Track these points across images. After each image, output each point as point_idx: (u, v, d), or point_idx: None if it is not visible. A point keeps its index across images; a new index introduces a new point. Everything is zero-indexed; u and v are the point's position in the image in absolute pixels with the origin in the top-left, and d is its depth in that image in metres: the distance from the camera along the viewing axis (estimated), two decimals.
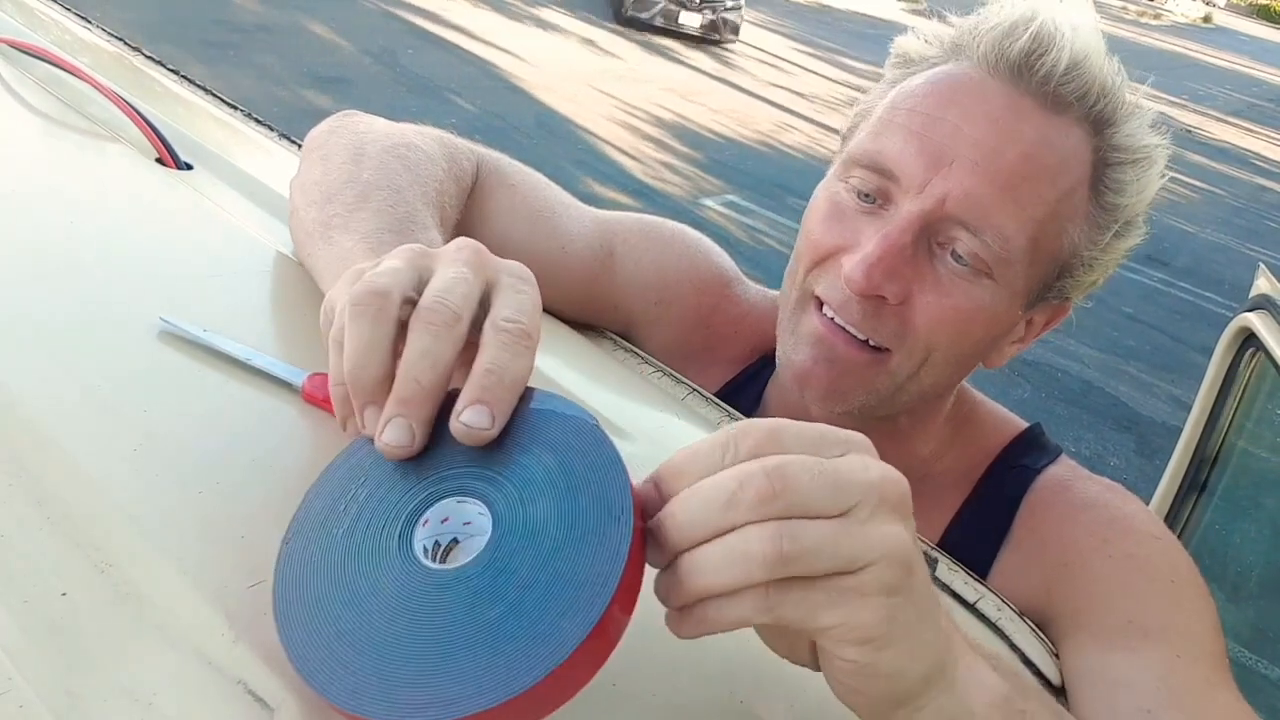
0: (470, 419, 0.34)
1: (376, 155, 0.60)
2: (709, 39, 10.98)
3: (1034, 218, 0.60)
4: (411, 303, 0.37)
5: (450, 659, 0.31)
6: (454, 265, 0.38)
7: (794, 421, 0.35)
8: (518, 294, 0.38)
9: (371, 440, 0.36)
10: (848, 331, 0.63)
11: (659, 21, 10.60)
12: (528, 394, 0.37)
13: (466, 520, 0.35)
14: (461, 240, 0.40)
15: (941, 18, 0.67)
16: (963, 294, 0.61)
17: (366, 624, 0.32)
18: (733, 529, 0.32)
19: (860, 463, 0.34)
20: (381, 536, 0.34)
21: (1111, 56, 0.62)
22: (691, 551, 0.32)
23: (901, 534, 0.33)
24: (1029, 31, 0.60)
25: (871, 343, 0.63)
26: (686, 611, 0.33)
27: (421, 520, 0.35)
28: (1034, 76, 0.60)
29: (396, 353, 0.37)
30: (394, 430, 0.35)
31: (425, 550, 0.34)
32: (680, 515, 0.33)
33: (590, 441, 0.35)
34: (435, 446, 0.36)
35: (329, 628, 0.32)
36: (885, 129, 0.63)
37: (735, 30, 11.19)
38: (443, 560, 0.35)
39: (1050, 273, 0.64)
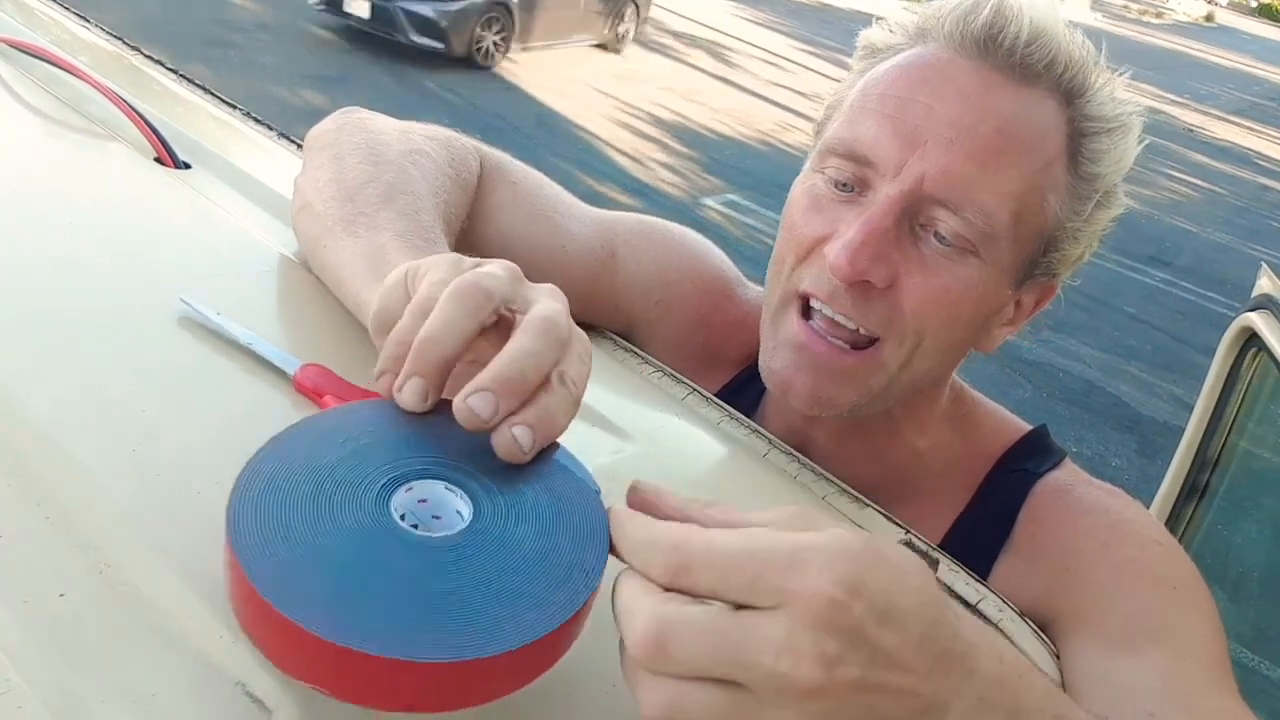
0: (519, 434, 0.37)
1: (395, 159, 0.61)
2: (393, 38, 7.76)
3: (1014, 191, 0.60)
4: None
5: (377, 601, 0.32)
6: (557, 300, 0.41)
7: (713, 540, 0.33)
8: (582, 363, 0.40)
9: (394, 407, 0.38)
10: (831, 336, 0.63)
11: (321, 7, 8.02)
12: (552, 446, 0.39)
13: (436, 514, 0.36)
14: (554, 288, 0.42)
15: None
16: (949, 274, 0.61)
17: (314, 535, 0.33)
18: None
19: (779, 637, 0.31)
20: (364, 481, 0.35)
21: (1074, 30, 0.63)
22: (622, 648, 0.33)
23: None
24: (989, 5, 0.61)
25: (862, 331, 0.63)
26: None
27: (405, 486, 0.36)
28: (999, 49, 0.60)
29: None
30: (480, 401, 0.36)
31: (395, 512, 0.35)
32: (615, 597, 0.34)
33: (588, 502, 0.37)
34: (453, 439, 0.37)
35: (279, 523, 0.33)
36: (858, 115, 0.63)
37: (468, 41, 7.79)
38: None
39: (1036, 248, 0.64)
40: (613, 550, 0.35)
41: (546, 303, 0.40)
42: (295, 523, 0.33)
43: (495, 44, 8.25)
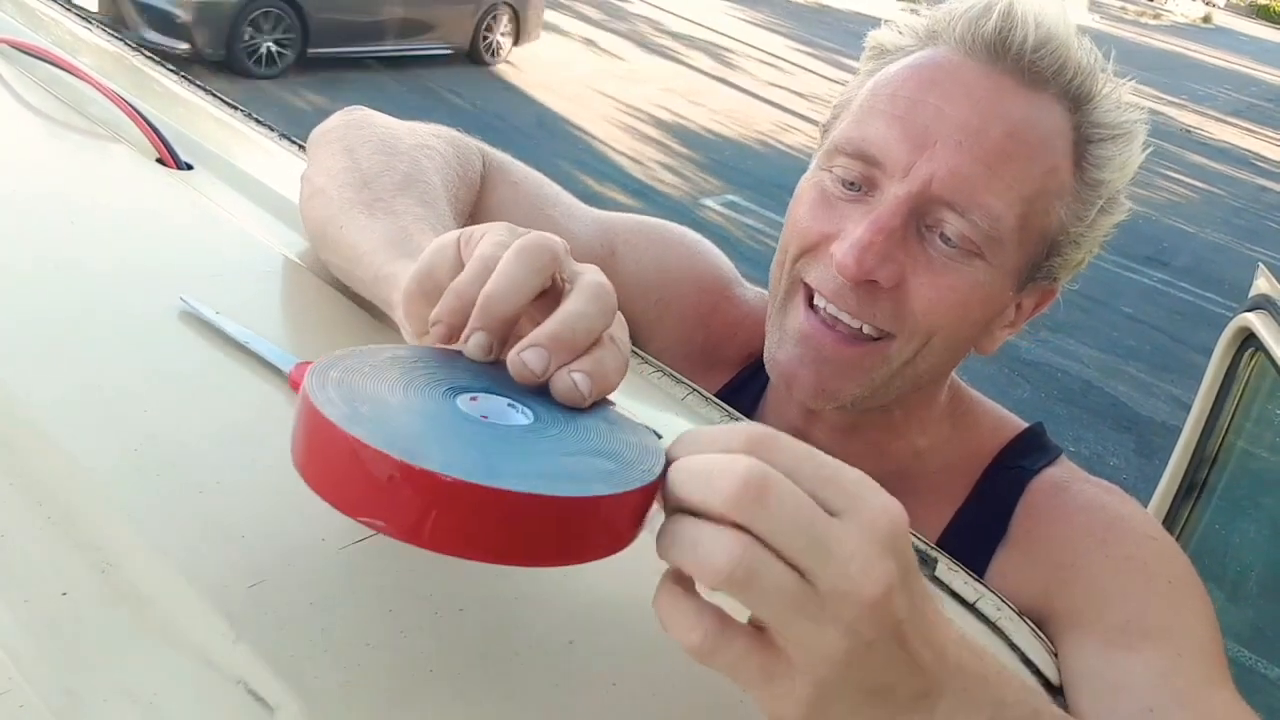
0: (578, 379, 0.37)
1: (407, 151, 0.62)
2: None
3: (1021, 195, 0.61)
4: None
5: (445, 444, 0.33)
6: (603, 275, 0.41)
7: (797, 440, 0.34)
8: (625, 331, 0.41)
9: (449, 352, 0.39)
10: (838, 326, 0.63)
11: None
12: (605, 400, 0.39)
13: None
14: (596, 267, 0.42)
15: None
16: (955, 275, 0.61)
17: (388, 401, 0.34)
18: (716, 515, 0.32)
19: (853, 541, 0.32)
20: (432, 384, 0.37)
21: (1083, 37, 0.63)
22: (671, 522, 0.33)
23: (849, 638, 0.32)
24: (999, 10, 0.61)
25: (866, 330, 0.63)
26: (662, 581, 0.34)
27: (470, 396, 0.37)
28: (1009, 53, 0.61)
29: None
30: (534, 355, 0.37)
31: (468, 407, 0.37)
32: (674, 478, 0.34)
33: (643, 434, 0.37)
34: (513, 381, 0.39)
35: (352, 391, 0.34)
36: (867, 115, 0.63)
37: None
38: None
39: (1040, 252, 0.64)
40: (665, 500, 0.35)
41: (597, 273, 0.41)
42: (369, 392, 0.35)
43: (276, 50, 6.69)
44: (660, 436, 0.38)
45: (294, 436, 0.34)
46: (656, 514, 0.35)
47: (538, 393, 0.38)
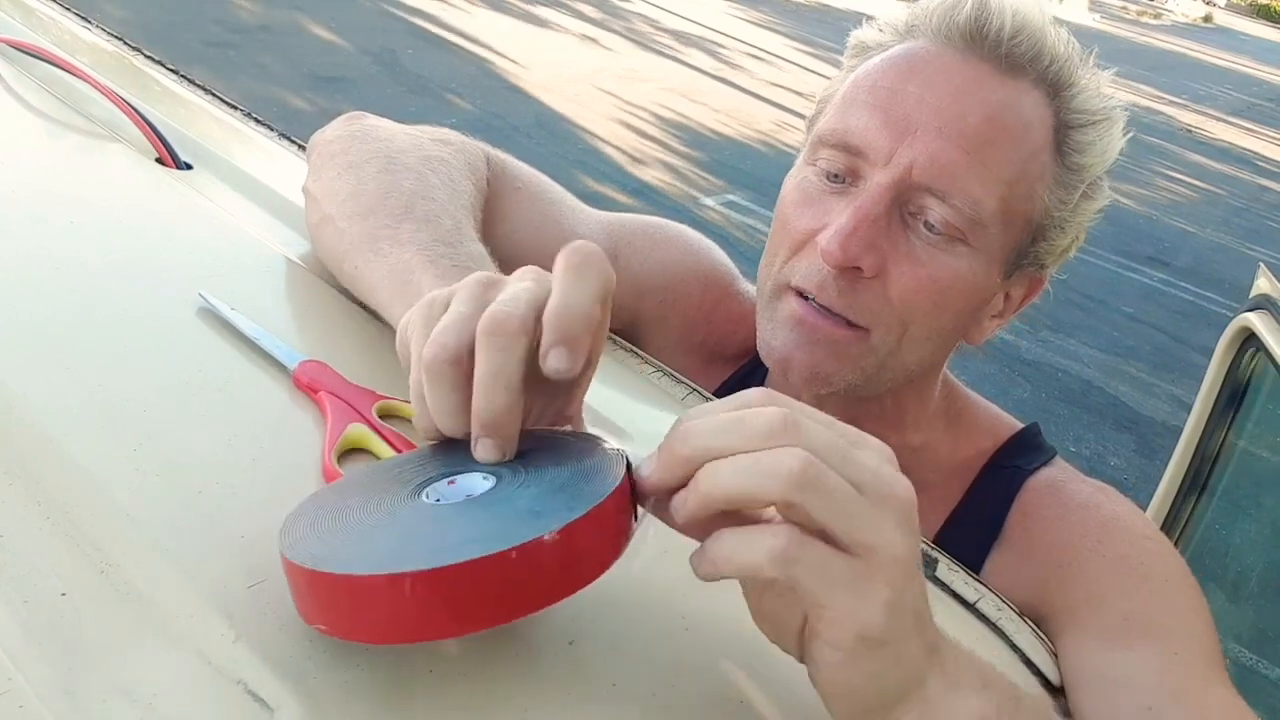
0: (553, 358, 0.37)
1: (413, 165, 0.61)
2: None
3: (1002, 179, 0.61)
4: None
5: (387, 546, 0.34)
6: (591, 276, 0.40)
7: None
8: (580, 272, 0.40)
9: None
10: (826, 313, 0.64)
11: None
12: (590, 439, 0.40)
13: (458, 495, 0.37)
14: (573, 244, 0.42)
15: None
16: (938, 263, 0.62)
17: (343, 525, 0.36)
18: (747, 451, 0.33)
19: (876, 460, 0.34)
20: (402, 483, 0.38)
21: (1059, 26, 0.65)
22: (713, 462, 0.33)
23: (908, 540, 0.34)
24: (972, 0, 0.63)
25: (850, 320, 0.64)
26: (704, 548, 0.34)
27: (448, 480, 0.38)
28: (985, 41, 0.62)
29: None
30: (484, 449, 0.38)
31: (429, 496, 0.37)
32: (690, 430, 0.34)
33: (608, 460, 0.37)
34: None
35: (314, 522, 0.36)
36: (848, 107, 0.64)
37: None
38: None
39: (1024, 237, 0.65)
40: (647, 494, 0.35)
41: (567, 284, 0.39)
42: (331, 519, 0.36)
43: None
44: (625, 455, 0.37)
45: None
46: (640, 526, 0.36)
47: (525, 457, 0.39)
